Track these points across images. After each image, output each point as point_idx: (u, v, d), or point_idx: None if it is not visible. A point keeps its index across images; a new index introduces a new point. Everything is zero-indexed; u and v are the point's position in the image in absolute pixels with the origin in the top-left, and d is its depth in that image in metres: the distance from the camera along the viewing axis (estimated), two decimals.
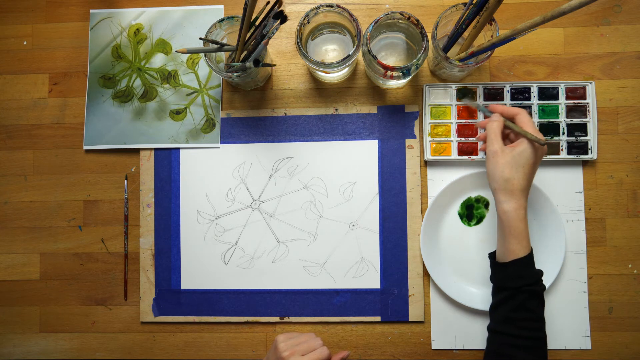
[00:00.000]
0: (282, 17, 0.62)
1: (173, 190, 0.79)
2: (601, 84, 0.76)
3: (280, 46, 0.79)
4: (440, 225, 0.76)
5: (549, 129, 0.75)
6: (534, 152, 0.63)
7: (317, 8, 0.66)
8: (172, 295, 0.78)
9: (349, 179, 0.77)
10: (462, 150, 0.75)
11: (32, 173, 0.81)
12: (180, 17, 0.80)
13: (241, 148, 0.78)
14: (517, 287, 0.61)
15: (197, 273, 0.78)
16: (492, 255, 0.67)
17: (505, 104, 0.75)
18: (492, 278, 0.66)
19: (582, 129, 0.74)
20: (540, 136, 0.63)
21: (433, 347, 0.75)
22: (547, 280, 0.73)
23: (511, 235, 0.62)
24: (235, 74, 0.67)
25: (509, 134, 0.67)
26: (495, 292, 0.65)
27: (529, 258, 0.62)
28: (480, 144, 0.75)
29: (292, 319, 0.77)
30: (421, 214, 0.76)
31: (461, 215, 0.76)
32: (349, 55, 0.65)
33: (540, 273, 0.63)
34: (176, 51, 0.76)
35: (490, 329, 0.65)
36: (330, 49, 0.74)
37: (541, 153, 0.64)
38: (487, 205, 0.76)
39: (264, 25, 0.63)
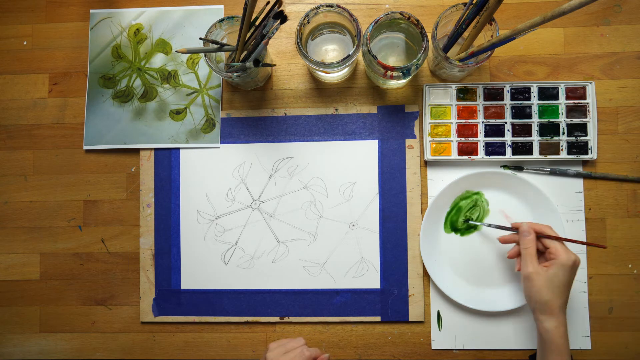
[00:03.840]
0: (282, 17, 0.62)
1: (173, 190, 0.79)
2: (601, 84, 0.76)
3: (280, 46, 0.79)
4: (440, 225, 0.76)
5: (549, 129, 0.75)
6: (567, 272, 0.63)
7: (317, 8, 0.66)
8: (172, 295, 0.78)
9: (349, 179, 0.77)
10: (462, 150, 0.75)
11: (32, 173, 0.81)
12: (180, 17, 0.80)
13: (241, 148, 0.78)
14: None
15: (197, 273, 0.78)
16: (532, 358, 0.69)
17: (505, 104, 0.75)
18: None
19: (582, 129, 0.74)
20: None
21: (433, 347, 0.75)
22: None
23: (552, 352, 0.63)
24: (235, 74, 0.67)
25: (543, 252, 0.66)
26: None
27: None
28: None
29: (292, 319, 0.77)
30: (421, 214, 0.76)
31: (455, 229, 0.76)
32: (349, 55, 0.65)
33: None
34: (176, 51, 0.76)
35: None
36: (330, 49, 0.74)
37: (574, 271, 0.64)
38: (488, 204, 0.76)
39: (264, 25, 0.63)
